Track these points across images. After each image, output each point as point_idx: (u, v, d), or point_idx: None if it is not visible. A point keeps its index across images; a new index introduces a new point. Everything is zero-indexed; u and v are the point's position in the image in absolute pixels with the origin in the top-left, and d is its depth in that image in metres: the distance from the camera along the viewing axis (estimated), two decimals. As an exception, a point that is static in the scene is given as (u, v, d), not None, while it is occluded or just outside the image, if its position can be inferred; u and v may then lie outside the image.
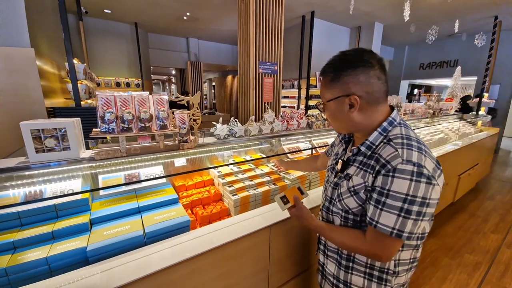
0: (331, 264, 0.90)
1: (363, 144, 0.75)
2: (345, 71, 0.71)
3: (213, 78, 12.60)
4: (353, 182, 0.75)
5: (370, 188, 0.70)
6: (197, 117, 1.44)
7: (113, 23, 5.75)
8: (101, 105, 1.12)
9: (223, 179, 1.47)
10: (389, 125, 0.73)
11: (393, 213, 0.64)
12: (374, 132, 0.74)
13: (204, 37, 7.83)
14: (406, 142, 0.68)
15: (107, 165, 1.25)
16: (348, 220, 0.79)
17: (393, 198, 0.64)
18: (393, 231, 0.64)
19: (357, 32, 6.61)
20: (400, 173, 0.63)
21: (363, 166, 0.74)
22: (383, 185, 0.65)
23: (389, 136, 0.71)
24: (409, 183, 0.62)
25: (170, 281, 0.90)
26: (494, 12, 5.12)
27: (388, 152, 0.67)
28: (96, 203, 1.17)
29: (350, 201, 0.76)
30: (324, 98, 0.78)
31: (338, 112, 0.75)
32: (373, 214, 0.68)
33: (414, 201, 0.62)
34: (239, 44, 4.16)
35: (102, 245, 0.93)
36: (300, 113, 2.07)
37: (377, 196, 0.67)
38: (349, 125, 0.77)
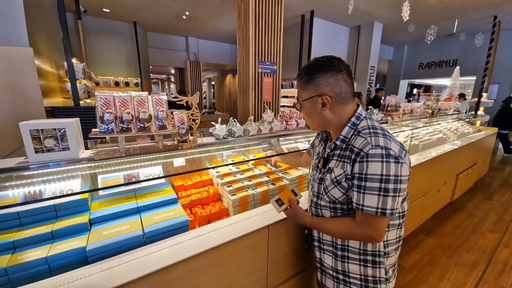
0: (328, 258, 0.96)
1: (337, 138, 0.85)
2: (317, 74, 0.82)
3: (213, 78, 12.59)
4: (334, 174, 0.83)
5: (350, 176, 0.78)
6: (196, 117, 1.45)
7: (112, 22, 5.74)
8: (100, 105, 1.12)
9: (222, 179, 1.48)
10: (356, 119, 0.84)
11: (373, 194, 0.72)
12: (345, 127, 0.84)
13: (204, 36, 7.82)
14: (372, 131, 0.78)
15: (106, 165, 1.25)
16: (337, 210, 0.86)
17: (371, 181, 0.72)
18: (377, 210, 0.73)
19: (356, 31, 6.61)
20: (372, 157, 0.72)
21: (341, 158, 0.83)
22: (360, 170, 0.74)
23: (358, 128, 0.82)
24: (381, 164, 0.71)
25: (169, 280, 0.91)
26: (493, 12, 5.14)
27: (359, 142, 0.77)
28: (95, 203, 1.17)
29: (335, 192, 0.83)
30: (300, 98, 0.89)
31: (312, 110, 0.86)
32: (358, 199, 0.76)
33: (388, 179, 0.71)
34: (238, 43, 4.16)
35: (101, 245, 0.93)
36: (299, 113, 2.07)
37: (357, 182, 0.75)
38: (322, 122, 0.87)
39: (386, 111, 2.89)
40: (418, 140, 2.69)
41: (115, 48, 5.84)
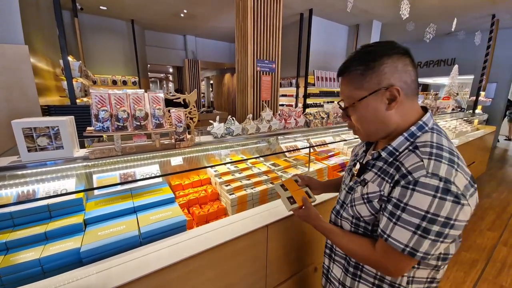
0: (337, 269, 0.85)
1: (384, 149, 0.68)
2: (378, 60, 0.63)
3: (211, 76, 12.55)
4: (367, 189, 0.69)
5: (386, 198, 0.63)
6: (194, 115, 1.43)
7: (109, 20, 5.68)
8: (95, 103, 1.10)
9: (220, 178, 1.46)
10: (418, 130, 0.65)
11: (408, 229, 0.57)
12: (399, 137, 0.66)
13: (202, 35, 7.77)
14: (435, 152, 0.59)
15: (102, 164, 1.23)
16: (359, 228, 0.73)
17: (410, 214, 0.57)
18: (406, 249, 0.58)
19: (355, 30, 6.60)
20: (421, 187, 0.55)
21: (381, 173, 0.67)
22: (400, 197, 0.59)
23: (416, 143, 0.63)
24: (431, 199, 0.54)
25: (167, 281, 0.89)
26: (491, 10, 5.13)
27: (411, 162, 0.60)
28: (90, 203, 1.15)
29: (362, 209, 0.70)
30: (351, 99, 0.68)
31: (372, 111, 0.66)
32: (386, 227, 0.62)
33: (435, 220, 0.54)
34: (237, 42, 4.13)
35: (96, 246, 0.91)
36: (297, 111, 2.06)
37: (392, 208, 0.60)
38: (384, 127, 0.68)
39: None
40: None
41: (112, 46, 5.78)
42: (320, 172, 1.79)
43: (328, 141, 2.27)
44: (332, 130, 2.33)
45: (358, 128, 0.72)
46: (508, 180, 4.31)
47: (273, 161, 1.87)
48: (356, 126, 0.72)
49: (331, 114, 2.27)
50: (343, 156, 2.17)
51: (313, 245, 1.41)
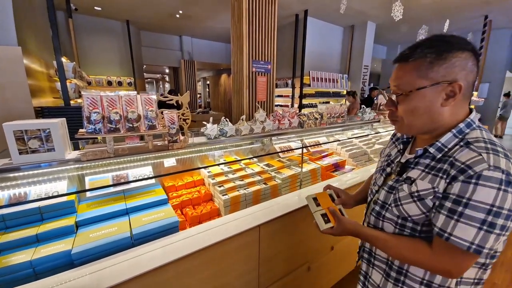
0: (377, 275, 0.80)
1: (432, 145, 0.66)
2: (454, 52, 0.60)
3: (208, 77, 12.54)
4: (417, 186, 0.65)
5: (441, 195, 0.60)
6: (187, 117, 1.43)
7: (104, 20, 5.66)
8: (87, 105, 1.10)
9: (214, 179, 1.47)
10: (466, 126, 0.65)
11: (473, 225, 0.55)
12: (448, 133, 0.65)
13: (198, 35, 7.77)
14: (490, 147, 0.59)
15: (94, 166, 1.23)
16: (405, 228, 0.69)
17: (474, 209, 0.55)
18: (472, 246, 0.55)
19: (350, 30, 6.65)
20: (486, 180, 0.54)
21: (431, 170, 0.65)
22: (461, 193, 0.56)
23: (467, 139, 0.63)
24: (496, 192, 0.53)
25: (160, 281, 0.90)
26: (484, 11, 5.22)
27: (468, 156, 0.58)
28: (82, 205, 1.15)
29: (411, 208, 0.66)
30: (409, 86, 0.64)
31: (427, 103, 0.64)
32: (445, 225, 0.58)
33: (500, 213, 0.54)
34: (232, 42, 4.14)
35: (87, 247, 0.92)
36: (291, 112, 2.07)
37: (452, 205, 0.57)
38: (430, 122, 0.66)
39: (378, 110, 2.92)
40: (410, 139, 2.72)
41: (107, 47, 5.76)
42: (313, 172, 1.81)
43: (321, 142, 2.29)
44: (325, 130, 2.35)
45: (402, 119, 0.68)
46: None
47: (267, 161, 1.88)
48: (400, 116, 0.69)
49: (324, 114, 2.29)
50: (336, 156, 2.19)
51: (306, 245, 1.43)
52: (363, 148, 2.36)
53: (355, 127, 2.64)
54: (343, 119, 2.48)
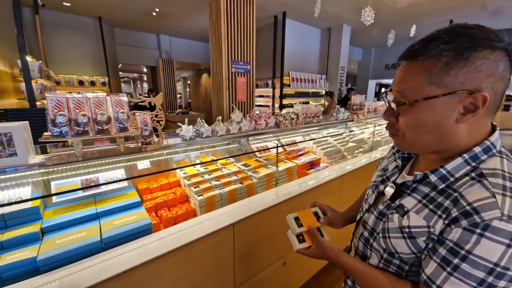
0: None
1: (435, 172, 0.52)
2: (479, 51, 0.44)
3: (188, 77, 12.32)
4: (409, 221, 0.53)
5: (436, 238, 0.49)
6: (161, 118, 1.42)
7: (73, 16, 5.37)
8: (52, 107, 1.06)
9: (189, 180, 1.47)
10: (483, 152, 0.49)
11: (468, 283, 0.43)
12: (457, 158, 0.50)
13: (176, 34, 7.62)
14: (509, 186, 0.44)
15: (61, 170, 1.19)
16: (390, 265, 0.58)
17: (473, 265, 0.43)
18: None
19: (327, 33, 6.88)
20: (493, 233, 0.42)
21: (429, 202, 0.52)
22: (461, 242, 0.44)
23: (481, 169, 0.48)
24: (504, 249, 0.41)
25: (132, 283, 0.90)
26: (449, 16, 5.63)
27: (477, 196, 0.45)
28: (49, 211, 1.11)
29: (399, 244, 0.54)
30: (415, 93, 0.49)
31: (437, 118, 0.48)
32: (435, 275, 0.47)
33: (504, 274, 0.42)
34: (211, 43, 4.12)
35: (53, 254, 0.89)
36: (267, 113, 2.12)
37: (447, 254, 0.46)
38: (439, 142, 0.51)
39: (352, 109, 3.06)
40: (380, 137, 2.89)
41: (78, 45, 5.46)
42: (289, 170, 1.87)
43: (297, 141, 2.36)
44: (301, 130, 2.43)
45: (404, 133, 0.54)
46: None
47: (244, 161, 1.92)
48: (402, 130, 0.54)
49: (300, 115, 2.36)
50: (312, 155, 2.28)
51: (281, 240, 1.48)
52: (338, 146, 2.47)
53: (330, 126, 2.75)
54: (319, 119, 2.58)
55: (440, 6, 4.96)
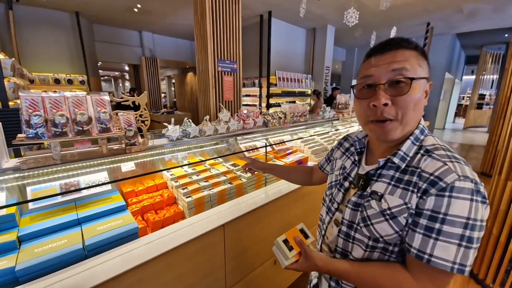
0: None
1: (395, 154, 0.59)
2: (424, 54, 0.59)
3: (173, 75, 12.04)
4: (388, 203, 0.57)
5: (414, 212, 0.54)
6: (146, 118, 1.38)
7: (49, 11, 5.06)
8: (26, 107, 0.99)
9: (177, 182, 1.44)
10: (420, 133, 0.61)
11: (452, 243, 0.49)
12: (407, 140, 0.59)
13: (159, 31, 7.41)
14: (450, 155, 0.54)
15: (38, 174, 1.12)
16: (375, 250, 0.61)
17: (451, 224, 0.49)
18: (454, 266, 0.49)
19: (312, 33, 6.97)
20: (459, 192, 0.49)
21: (399, 182, 0.58)
22: (436, 208, 0.51)
23: (425, 146, 0.58)
24: (469, 204, 0.49)
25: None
26: (427, 18, 5.89)
27: (434, 167, 0.53)
28: (25, 218, 1.04)
29: (383, 228, 0.58)
30: (414, 72, 0.56)
31: (421, 96, 0.57)
32: (424, 246, 0.52)
33: (475, 226, 0.49)
34: (196, 41, 4.05)
35: (33, 263, 0.84)
36: (255, 112, 2.12)
37: (428, 222, 0.51)
38: (416, 120, 0.60)
39: (337, 109, 3.13)
40: (365, 135, 2.97)
41: (53, 41, 5.16)
42: (277, 169, 1.87)
43: (285, 140, 2.38)
44: (289, 129, 2.44)
45: (402, 116, 0.57)
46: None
47: (232, 161, 1.90)
48: (399, 112, 0.57)
49: (288, 114, 2.38)
50: (300, 153, 2.30)
51: (272, 239, 1.48)
52: (324, 145, 2.51)
53: (317, 125, 2.79)
54: (306, 118, 2.61)
55: (418, 9, 5.18)
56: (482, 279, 1.91)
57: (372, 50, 0.61)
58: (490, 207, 1.86)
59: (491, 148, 4.31)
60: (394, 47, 0.57)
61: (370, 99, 0.59)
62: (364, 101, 0.60)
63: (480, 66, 9.38)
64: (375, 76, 0.58)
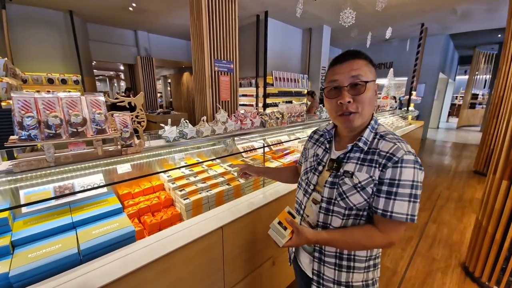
0: (329, 270, 0.84)
1: (359, 140, 0.77)
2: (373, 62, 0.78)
3: (168, 75, 11.94)
4: (358, 178, 0.74)
5: (377, 182, 0.72)
6: (142, 119, 1.35)
7: (43, 10, 4.96)
8: (18, 108, 0.96)
9: (174, 183, 1.42)
10: (375, 123, 0.80)
11: (405, 200, 0.69)
12: (366, 129, 0.78)
13: (155, 31, 7.33)
14: (396, 137, 0.75)
15: (31, 177, 1.09)
16: (350, 217, 0.77)
17: (403, 187, 0.69)
18: (408, 217, 0.69)
19: (308, 33, 6.98)
20: (406, 163, 0.69)
21: (364, 162, 0.75)
22: (392, 176, 0.69)
23: (379, 133, 0.78)
24: (413, 170, 0.69)
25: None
26: (421, 19, 5.94)
27: (388, 147, 0.72)
28: (18, 222, 1.01)
29: (356, 198, 0.74)
30: (366, 77, 0.74)
31: (372, 94, 0.76)
32: (386, 206, 0.70)
33: (417, 186, 0.69)
34: (193, 40, 4.02)
35: (27, 269, 0.81)
36: (253, 112, 2.11)
37: (388, 188, 0.70)
38: (370, 114, 0.79)
39: (334, 108, 3.13)
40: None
41: (47, 40, 5.06)
42: (275, 170, 1.87)
43: (283, 140, 2.37)
44: (287, 129, 2.44)
45: (361, 110, 0.75)
46: (435, 166, 5.09)
47: (230, 162, 1.89)
48: (358, 107, 0.75)
49: (285, 114, 2.38)
50: (297, 154, 2.30)
51: (269, 240, 1.47)
52: (321, 145, 2.52)
53: (313, 125, 2.79)
54: (303, 118, 2.61)
55: (413, 9, 5.22)
56: (478, 277, 1.94)
57: (335, 60, 0.78)
58: (485, 206, 1.88)
59: (484, 147, 4.38)
60: (351, 57, 0.75)
61: (337, 98, 0.76)
62: (333, 100, 0.77)
63: (473, 66, 9.52)
64: (339, 80, 0.75)
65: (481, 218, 1.93)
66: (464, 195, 3.72)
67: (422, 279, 2.03)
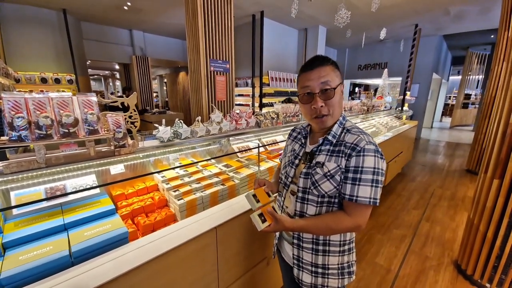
0: (307, 254, 0.93)
1: (329, 134, 0.87)
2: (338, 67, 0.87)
3: (164, 75, 11.87)
4: (327, 168, 0.83)
5: (344, 170, 0.80)
6: (135, 119, 1.35)
7: (36, 9, 4.89)
8: (8, 109, 0.95)
9: (168, 184, 1.41)
10: (343, 119, 0.90)
11: (368, 185, 0.77)
12: (335, 125, 0.88)
13: (150, 30, 7.28)
14: (360, 131, 0.85)
15: (22, 178, 1.07)
16: (323, 204, 0.86)
17: (366, 173, 0.77)
18: (370, 200, 0.77)
19: (304, 33, 7.00)
20: (367, 152, 0.77)
21: (332, 153, 0.84)
22: (356, 164, 0.78)
23: (346, 127, 0.87)
24: (374, 158, 0.77)
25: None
26: (415, 20, 6.00)
27: (353, 138, 0.81)
28: (9, 224, 1.00)
29: (326, 185, 0.83)
30: (334, 82, 0.83)
31: (340, 97, 0.86)
32: (352, 191, 0.79)
33: (378, 172, 0.77)
34: (188, 40, 4.00)
35: (18, 271, 0.81)
36: (248, 112, 2.11)
37: (353, 175, 0.78)
38: (340, 112, 0.89)
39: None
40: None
41: (40, 39, 4.99)
42: (271, 170, 1.87)
43: (278, 140, 2.38)
44: (282, 129, 2.44)
45: (332, 112, 0.85)
46: (429, 165, 5.15)
47: (225, 162, 1.88)
48: (330, 109, 0.85)
49: (280, 114, 2.38)
50: (293, 154, 2.31)
51: (264, 240, 1.47)
52: (317, 145, 2.53)
53: (309, 125, 2.81)
54: (298, 118, 2.61)
55: (407, 10, 5.28)
56: (471, 275, 1.97)
57: (305, 67, 0.86)
58: (477, 204, 1.91)
59: (477, 146, 4.44)
60: (320, 63, 0.83)
61: (311, 103, 0.85)
62: (307, 105, 0.86)
63: (466, 66, 9.66)
64: (311, 87, 0.84)
65: (473, 216, 1.96)
66: (457, 193, 3.78)
67: (415, 277, 2.05)
